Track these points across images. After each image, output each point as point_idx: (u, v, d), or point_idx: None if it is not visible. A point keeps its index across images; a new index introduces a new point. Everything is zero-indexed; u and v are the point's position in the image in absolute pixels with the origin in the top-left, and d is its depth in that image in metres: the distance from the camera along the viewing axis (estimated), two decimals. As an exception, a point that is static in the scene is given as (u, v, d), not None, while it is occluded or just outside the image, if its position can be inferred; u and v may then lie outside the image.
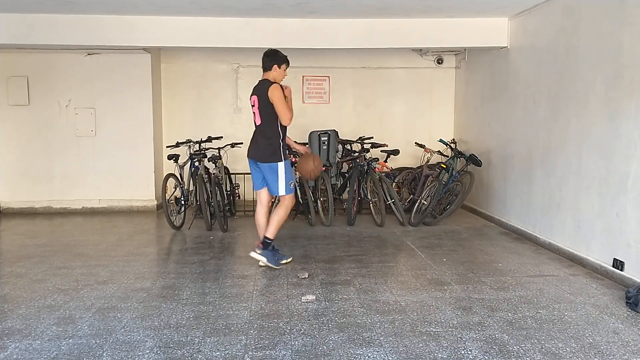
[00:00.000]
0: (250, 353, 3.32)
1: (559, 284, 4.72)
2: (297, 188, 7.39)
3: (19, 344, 3.46)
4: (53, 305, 4.16)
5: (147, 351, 3.35)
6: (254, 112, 5.18)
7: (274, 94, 4.94)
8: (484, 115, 8.04)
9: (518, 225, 6.74)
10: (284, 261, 5.28)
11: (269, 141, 5.05)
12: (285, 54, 5.25)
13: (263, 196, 5.29)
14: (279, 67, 5.17)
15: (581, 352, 3.35)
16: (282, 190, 5.08)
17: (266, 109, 5.02)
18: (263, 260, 5.11)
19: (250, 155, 5.21)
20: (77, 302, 4.24)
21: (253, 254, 5.15)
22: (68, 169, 8.55)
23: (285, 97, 5.02)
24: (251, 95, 5.23)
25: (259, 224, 5.25)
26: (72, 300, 4.29)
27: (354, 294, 4.42)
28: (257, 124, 5.16)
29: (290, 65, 5.32)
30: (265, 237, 5.12)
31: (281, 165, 5.04)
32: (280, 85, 5.08)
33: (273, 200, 5.84)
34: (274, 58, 5.16)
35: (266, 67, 5.20)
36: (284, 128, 5.11)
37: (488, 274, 5.03)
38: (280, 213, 5.12)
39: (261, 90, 5.06)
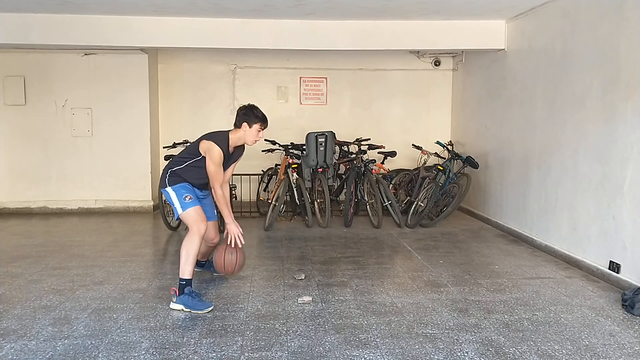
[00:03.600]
0: (247, 354, 3.31)
1: (555, 286, 4.73)
2: (294, 190, 7.39)
3: (15, 344, 3.44)
4: (49, 306, 4.15)
5: (143, 352, 3.34)
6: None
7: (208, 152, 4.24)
8: (481, 117, 8.05)
9: (514, 228, 6.75)
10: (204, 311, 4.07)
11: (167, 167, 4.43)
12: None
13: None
14: (249, 127, 4.30)
15: (577, 354, 3.35)
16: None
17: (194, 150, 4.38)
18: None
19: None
20: (72, 302, 4.23)
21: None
22: (64, 169, 8.53)
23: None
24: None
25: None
26: (67, 300, 4.27)
27: (351, 296, 4.42)
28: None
29: (266, 126, 4.38)
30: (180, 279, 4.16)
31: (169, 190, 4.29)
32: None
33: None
34: (246, 113, 4.33)
35: (235, 123, 4.37)
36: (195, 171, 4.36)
37: (484, 276, 5.03)
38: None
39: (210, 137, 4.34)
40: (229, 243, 4.34)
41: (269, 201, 7.51)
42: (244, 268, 4.74)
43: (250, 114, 4.30)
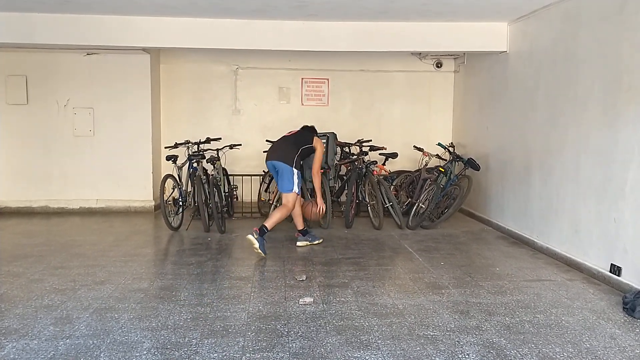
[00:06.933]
0: (248, 355, 3.32)
1: (556, 288, 4.73)
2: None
3: (16, 343, 3.45)
4: (50, 305, 4.16)
5: (145, 352, 3.34)
6: (291, 131, 6.58)
7: (320, 145, 6.38)
8: (482, 119, 8.05)
9: (515, 230, 6.75)
10: (316, 242, 6.39)
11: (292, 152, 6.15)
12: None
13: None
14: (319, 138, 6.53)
15: (578, 357, 3.35)
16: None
17: (304, 140, 6.34)
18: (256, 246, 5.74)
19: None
20: (74, 302, 4.24)
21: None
22: (66, 168, 8.53)
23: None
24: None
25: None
26: (69, 300, 4.28)
27: (352, 297, 4.43)
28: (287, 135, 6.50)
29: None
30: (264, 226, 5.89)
31: (295, 171, 6.07)
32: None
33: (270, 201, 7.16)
34: (314, 131, 6.66)
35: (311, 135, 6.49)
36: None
37: (485, 278, 5.04)
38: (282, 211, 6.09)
39: (308, 133, 6.50)
40: (318, 210, 6.46)
41: (270, 202, 7.52)
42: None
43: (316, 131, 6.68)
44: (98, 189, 8.60)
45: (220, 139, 8.04)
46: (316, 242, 6.36)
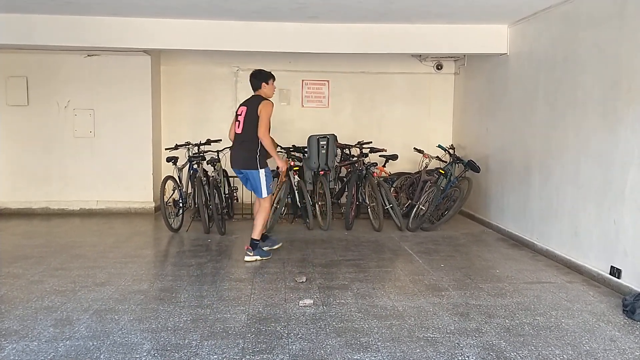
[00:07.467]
0: (248, 357, 3.32)
1: (556, 291, 4.73)
2: (296, 192, 7.41)
3: (16, 345, 3.45)
4: (50, 307, 4.16)
5: (145, 354, 3.35)
6: (237, 121, 5.67)
7: (264, 108, 5.45)
8: (482, 121, 8.06)
9: (515, 232, 6.75)
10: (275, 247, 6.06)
11: (250, 150, 5.53)
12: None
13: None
14: (267, 84, 5.67)
15: (578, 359, 3.36)
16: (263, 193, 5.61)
17: (251, 120, 5.50)
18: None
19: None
20: (74, 303, 4.24)
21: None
22: (66, 170, 8.54)
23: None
24: (240, 106, 5.74)
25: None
26: (69, 301, 4.28)
27: (352, 299, 4.43)
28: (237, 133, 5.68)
29: (276, 79, 5.79)
30: (253, 239, 5.64)
31: (262, 172, 5.55)
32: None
33: None
34: (260, 77, 5.66)
35: (256, 87, 5.68)
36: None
37: (485, 280, 5.04)
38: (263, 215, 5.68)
39: (252, 103, 5.56)
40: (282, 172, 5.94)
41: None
42: None
43: (265, 75, 5.65)
44: (98, 190, 8.60)
45: (220, 140, 8.03)
46: (266, 257, 5.70)
